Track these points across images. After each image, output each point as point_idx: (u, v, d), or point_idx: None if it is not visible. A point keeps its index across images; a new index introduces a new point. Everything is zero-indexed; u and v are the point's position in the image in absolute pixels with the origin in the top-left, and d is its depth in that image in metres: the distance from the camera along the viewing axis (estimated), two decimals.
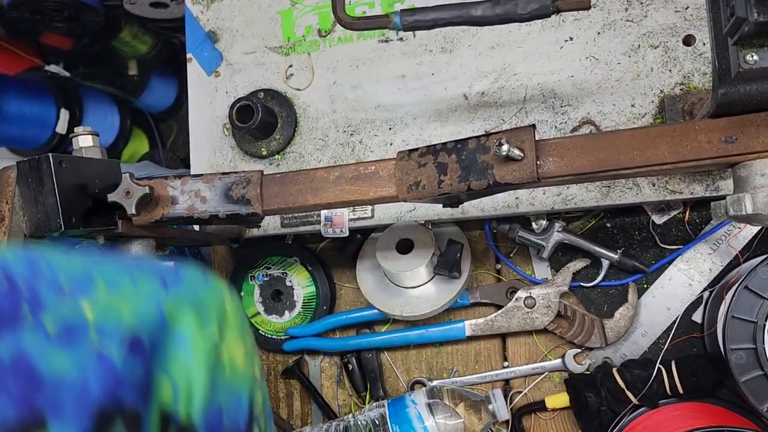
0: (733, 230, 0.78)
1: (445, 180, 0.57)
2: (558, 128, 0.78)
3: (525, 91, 0.80)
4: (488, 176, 0.56)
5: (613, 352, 0.81)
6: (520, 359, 0.84)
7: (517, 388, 0.83)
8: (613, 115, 0.77)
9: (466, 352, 0.86)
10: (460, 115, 0.82)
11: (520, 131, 0.56)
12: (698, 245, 0.79)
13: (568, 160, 0.56)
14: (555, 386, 0.82)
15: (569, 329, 0.81)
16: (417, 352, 0.88)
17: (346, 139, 0.85)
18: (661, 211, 0.80)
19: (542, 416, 0.82)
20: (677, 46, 0.76)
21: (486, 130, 0.81)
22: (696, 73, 0.75)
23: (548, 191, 0.78)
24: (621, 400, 0.75)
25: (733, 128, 0.54)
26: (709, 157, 0.54)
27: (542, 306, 0.81)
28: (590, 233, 0.83)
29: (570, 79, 0.79)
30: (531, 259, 0.85)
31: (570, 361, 0.80)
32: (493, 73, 0.81)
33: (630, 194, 0.76)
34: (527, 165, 0.55)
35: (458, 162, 0.57)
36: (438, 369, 0.86)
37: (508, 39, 0.81)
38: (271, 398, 0.92)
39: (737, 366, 0.68)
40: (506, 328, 0.82)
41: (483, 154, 0.56)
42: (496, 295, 0.84)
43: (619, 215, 0.82)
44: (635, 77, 0.77)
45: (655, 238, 0.80)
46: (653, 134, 0.55)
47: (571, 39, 0.79)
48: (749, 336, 0.68)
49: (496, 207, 0.80)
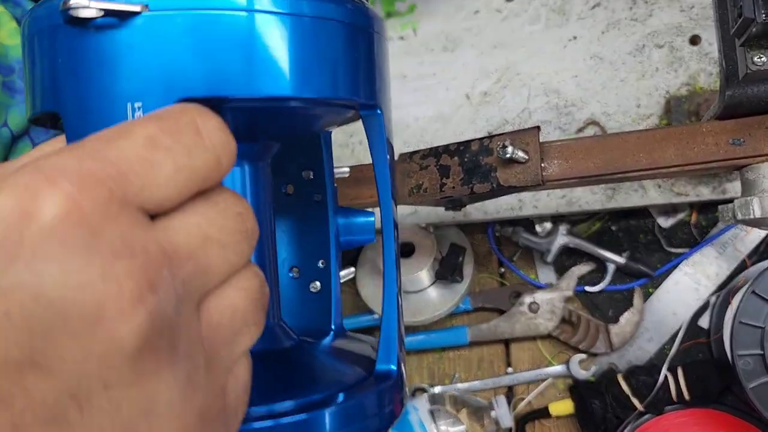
0: (740, 234, 0.77)
1: (447, 183, 0.56)
2: (562, 129, 0.77)
3: (528, 91, 0.79)
4: (492, 179, 0.55)
5: (618, 357, 0.79)
6: (523, 365, 0.83)
7: (520, 394, 0.82)
8: (618, 116, 0.76)
9: (468, 358, 0.85)
10: (463, 116, 0.81)
11: (524, 133, 0.55)
12: (705, 249, 0.78)
13: (574, 163, 0.55)
14: (559, 393, 0.81)
15: (574, 335, 0.80)
16: (418, 357, 0.86)
17: (346, 140, 0.84)
18: (667, 214, 0.79)
19: (546, 423, 0.81)
20: (683, 46, 0.75)
21: (489, 131, 0.80)
22: (702, 74, 0.74)
23: (552, 194, 0.77)
24: (626, 407, 0.74)
25: (740, 130, 0.53)
26: (716, 159, 0.53)
27: (546, 311, 0.80)
28: (595, 236, 0.81)
29: (574, 79, 0.78)
30: (535, 263, 0.84)
31: (574, 367, 0.79)
32: (496, 73, 0.80)
33: (636, 197, 0.75)
34: (532, 167, 0.54)
35: (461, 164, 0.56)
36: (440, 375, 0.85)
37: (511, 38, 0.80)
38: None
39: (744, 372, 0.67)
40: (509, 333, 0.81)
41: (486, 157, 0.55)
42: (499, 299, 0.83)
43: (624, 218, 0.81)
44: (640, 77, 0.76)
45: (661, 241, 0.79)
46: (660, 136, 0.54)
47: (575, 38, 0.78)
48: (757, 342, 0.67)
49: (499, 210, 0.78)
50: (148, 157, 0.25)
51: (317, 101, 0.37)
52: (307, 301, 0.49)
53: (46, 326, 0.22)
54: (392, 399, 0.40)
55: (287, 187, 0.49)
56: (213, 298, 0.28)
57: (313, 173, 0.48)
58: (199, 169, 0.27)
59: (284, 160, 0.47)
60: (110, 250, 0.23)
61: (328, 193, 0.48)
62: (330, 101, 0.37)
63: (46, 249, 0.22)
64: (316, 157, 0.48)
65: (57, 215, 0.22)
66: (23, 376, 0.23)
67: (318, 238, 0.49)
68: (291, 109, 0.38)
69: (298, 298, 0.49)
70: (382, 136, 0.41)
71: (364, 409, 0.38)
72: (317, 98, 0.36)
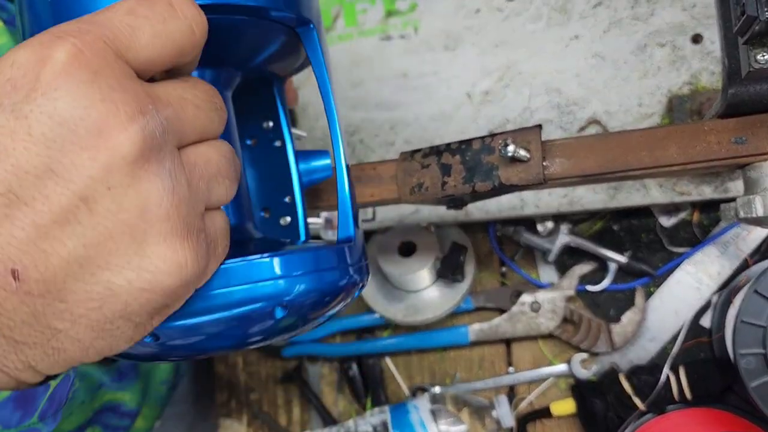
0: (742, 233, 0.77)
1: (449, 181, 0.56)
2: (564, 128, 0.77)
3: (530, 90, 0.79)
4: (493, 177, 0.55)
5: (620, 357, 0.79)
6: (524, 365, 0.83)
7: (521, 394, 0.82)
8: (620, 115, 0.76)
9: (469, 358, 0.84)
10: (464, 115, 0.81)
11: (526, 131, 0.55)
12: (707, 248, 0.78)
13: (575, 161, 0.55)
14: (561, 392, 0.81)
15: (575, 334, 0.79)
16: (419, 357, 0.86)
17: (347, 138, 0.84)
18: (668, 214, 0.79)
19: (547, 423, 0.80)
20: (685, 45, 0.75)
21: (490, 130, 0.80)
22: (704, 72, 0.74)
23: (554, 193, 0.77)
24: (628, 407, 0.74)
25: (743, 129, 0.53)
26: (718, 158, 0.53)
27: (548, 310, 0.80)
28: (597, 236, 0.81)
29: (576, 78, 0.77)
30: (536, 262, 0.83)
31: (576, 367, 0.79)
32: (497, 72, 0.80)
33: (637, 196, 0.74)
34: (533, 166, 0.54)
35: (462, 163, 0.56)
36: (441, 375, 0.85)
37: (512, 37, 0.80)
38: (269, 405, 0.91)
39: (746, 371, 0.67)
40: (511, 332, 0.81)
41: (488, 155, 0.55)
42: (500, 299, 0.83)
43: (626, 217, 0.81)
44: (642, 76, 0.75)
45: (663, 240, 0.79)
46: (662, 135, 0.54)
47: (577, 37, 0.78)
48: (759, 340, 0.67)
49: (501, 209, 0.78)
50: (130, 23, 0.32)
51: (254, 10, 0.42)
52: (279, 235, 0.54)
53: (60, 140, 0.29)
54: (356, 260, 0.45)
55: (252, 141, 0.55)
56: (191, 147, 0.35)
57: (272, 123, 0.55)
58: (174, 35, 0.33)
59: (245, 116, 0.53)
60: (108, 84, 0.30)
61: (286, 137, 0.54)
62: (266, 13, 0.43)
63: (58, 82, 0.29)
64: (272, 107, 0.55)
65: (66, 59, 0.30)
66: (43, 182, 0.29)
67: (282, 178, 0.54)
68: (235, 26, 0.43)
69: (271, 234, 0.54)
70: (318, 50, 0.47)
71: (329, 258, 0.43)
72: (254, 6, 0.41)
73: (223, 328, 0.38)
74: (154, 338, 0.38)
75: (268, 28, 0.45)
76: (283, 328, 0.42)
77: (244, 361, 0.92)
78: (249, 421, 0.91)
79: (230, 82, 0.49)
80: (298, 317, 0.41)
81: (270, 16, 0.43)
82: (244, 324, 0.39)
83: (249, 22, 0.43)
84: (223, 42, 0.44)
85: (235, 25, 0.43)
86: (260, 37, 0.46)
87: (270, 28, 0.45)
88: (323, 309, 0.43)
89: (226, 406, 0.92)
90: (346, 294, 0.44)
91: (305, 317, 0.42)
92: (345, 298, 0.45)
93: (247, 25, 0.44)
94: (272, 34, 0.46)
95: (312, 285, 0.41)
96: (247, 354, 0.92)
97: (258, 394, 0.91)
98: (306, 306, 0.41)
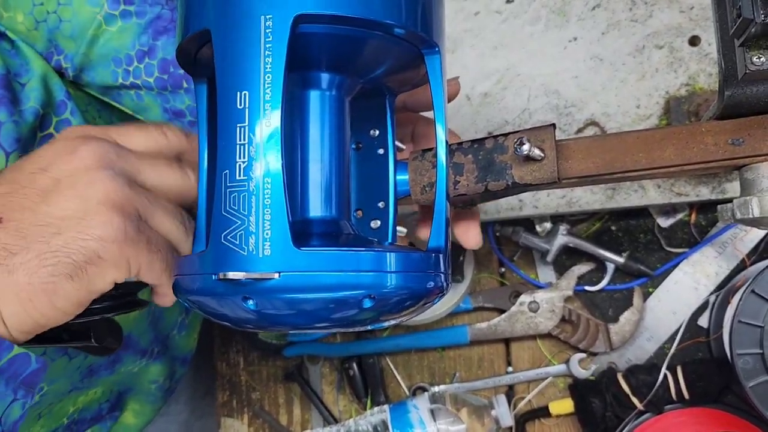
0: (739, 233, 0.77)
1: (461, 181, 0.56)
2: (562, 129, 0.78)
3: (528, 91, 0.79)
4: (507, 177, 0.54)
5: (618, 357, 0.80)
6: (523, 364, 0.83)
7: (520, 393, 0.82)
8: (618, 117, 0.76)
9: (468, 357, 0.85)
10: (463, 117, 0.81)
11: (539, 130, 0.55)
12: (704, 248, 0.78)
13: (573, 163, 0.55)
14: (559, 392, 0.81)
15: (573, 334, 0.80)
16: (419, 357, 0.87)
17: None
18: (666, 214, 0.79)
19: (546, 422, 0.81)
20: (682, 47, 0.75)
21: (489, 132, 0.80)
22: (701, 74, 0.74)
23: (552, 194, 0.77)
24: (626, 406, 0.75)
25: (739, 130, 0.53)
26: (715, 159, 0.53)
27: (546, 310, 0.80)
28: (595, 236, 0.82)
29: (574, 79, 0.78)
30: (535, 262, 0.84)
31: (574, 367, 0.79)
32: (496, 74, 0.80)
33: (635, 197, 0.75)
34: (548, 165, 0.54)
35: (474, 162, 0.55)
36: (440, 374, 0.86)
37: (511, 39, 0.80)
38: (270, 404, 0.91)
39: (744, 371, 0.67)
40: (510, 332, 0.81)
41: (501, 154, 0.55)
42: (499, 299, 0.83)
43: (624, 218, 0.81)
44: (640, 78, 0.76)
45: (661, 241, 0.79)
46: (659, 136, 0.54)
47: (575, 39, 0.78)
48: (756, 341, 0.67)
49: (500, 210, 0.79)
50: None
51: (381, 26, 0.44)
52: (369, 236, 0.56)
53: None
54: (441, 269, 0.47)
55: (357, 145, 0.58)
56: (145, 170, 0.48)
57: (378, 131, 0.58)
58: None
59: (355, 122, 0.55)
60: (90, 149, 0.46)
61: (390, 147, 0.57)
62: (393, 29, 0.45)
63: None
64: (381, 117, 0.57)
65: None
66: None
67: (379, 183, 0.57)
68: (362, 39, 0.45)
69: (362, 234, 0.56)
70: (439, 74, 0.48)
71: (424, 262, 0.45)
72: (381, 22, 0.43)
73: (313, 307, 0.41)
74: (255, 305, 0.41)
75: (396, 44, 0.47)
76: (360, 320, 0.44)
77: (245, 361, 0.92)
78: (250, 420, 0.91)
79: (352, 88, 0.52)
80: (380, 312, 0.43)
81: (397, 33, 0.45)
82: (332, 307, 0.42)
83: (382, 37, 0.45)
84: (354, 53, 0.47)
85: (367, 38, 0.45)
86: (388, 52, 0.49)
87: (398, 45, 0.47)
88: (405, 309, 0.45)
89: (228, 405, 0.92)
90: (429, 298, 0.46)
91: (387, 313, 0.44)
92: (427, 302, 0.46)
93: (381, 40, 0.46)
94: (399, 51, 0.48)
95: (404, 282, 0.43)
96: (248, 353, 0.92)
97: (259, 393, 0.91)
98: (392, 302, 0.43)
